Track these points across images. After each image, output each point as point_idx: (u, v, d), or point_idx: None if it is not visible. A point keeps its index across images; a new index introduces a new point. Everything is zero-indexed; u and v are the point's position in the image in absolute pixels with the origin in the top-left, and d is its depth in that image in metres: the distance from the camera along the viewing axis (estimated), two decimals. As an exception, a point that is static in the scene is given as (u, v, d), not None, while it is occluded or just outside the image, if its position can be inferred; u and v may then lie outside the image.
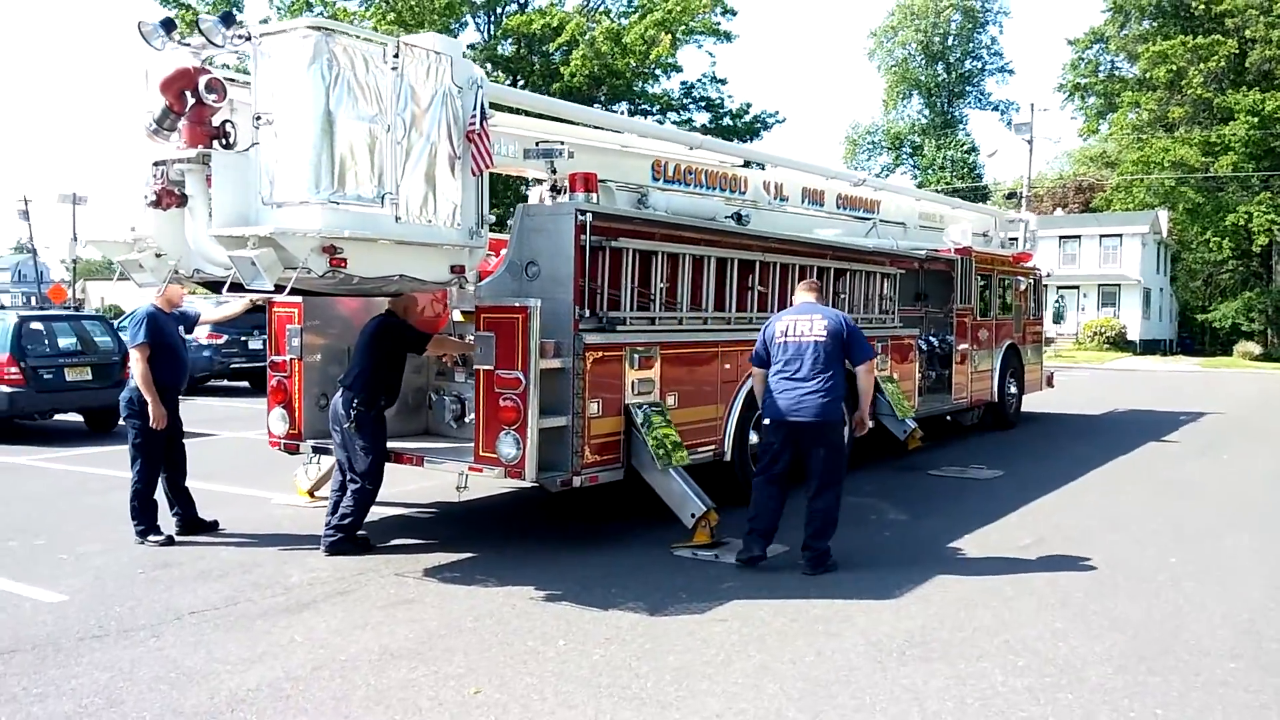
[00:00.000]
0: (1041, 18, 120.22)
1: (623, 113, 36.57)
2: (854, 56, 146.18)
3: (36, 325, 14.84)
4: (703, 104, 37.67)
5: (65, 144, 6.74)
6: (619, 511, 8.72)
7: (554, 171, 7.65)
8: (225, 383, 21.87)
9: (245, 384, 21.51)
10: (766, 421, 7.16)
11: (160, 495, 7.88)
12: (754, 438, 9.13)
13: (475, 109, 6.60)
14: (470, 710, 4.57)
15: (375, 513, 8.27)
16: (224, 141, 6.02)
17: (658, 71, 35.23)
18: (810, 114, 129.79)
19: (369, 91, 5.92)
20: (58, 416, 15.23)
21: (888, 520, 8.58)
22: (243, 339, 20.59)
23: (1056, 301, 20.38)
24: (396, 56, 6.06)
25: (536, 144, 7.61)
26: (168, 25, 6.02)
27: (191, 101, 5.93)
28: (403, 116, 6.13)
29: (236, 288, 6.17)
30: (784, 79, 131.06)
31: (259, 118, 5.85)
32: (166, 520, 7.87)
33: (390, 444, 7.63)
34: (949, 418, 14.21)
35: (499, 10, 35.96)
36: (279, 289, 5.90)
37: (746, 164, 11.59)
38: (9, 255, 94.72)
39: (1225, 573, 6.88)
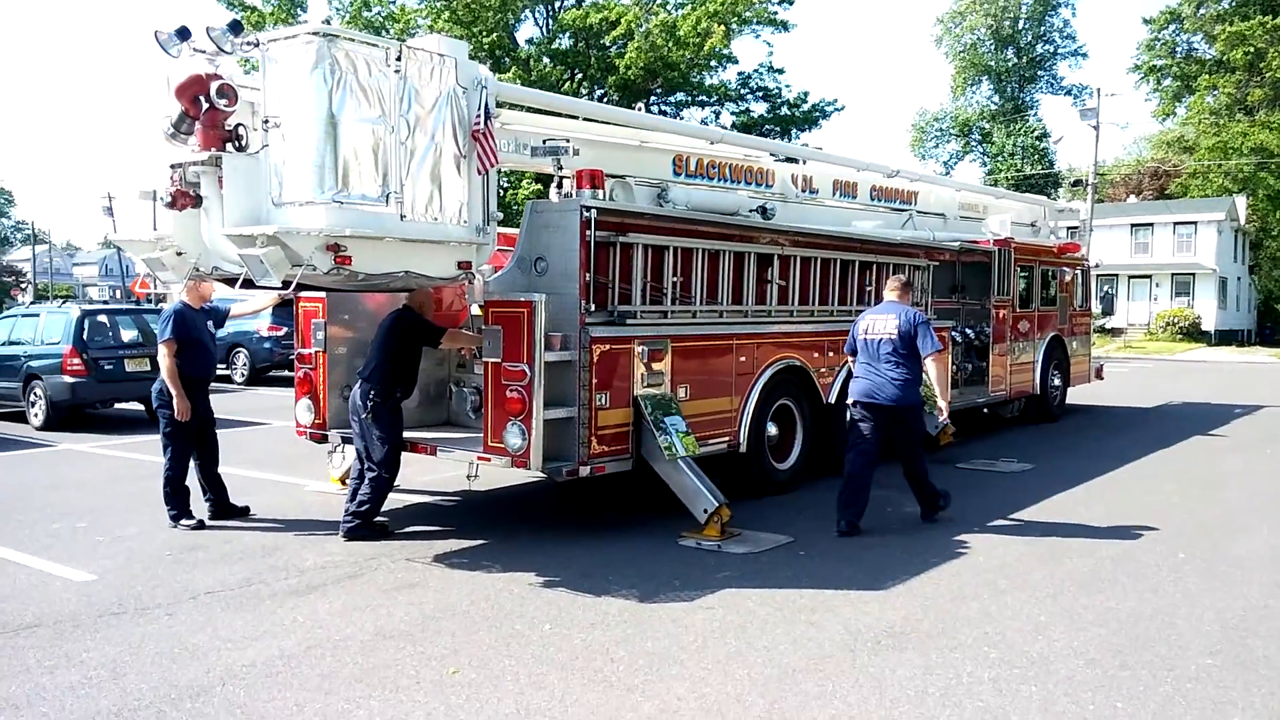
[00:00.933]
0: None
1: (679, 104, 36.63)
2: (920, 43, 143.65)
3: (100, 319, 15.57)
4: (760, 94, 37.49)
5: (142, 141, 7.06)
6: (634, 502, 8.88)
7: (560, 168, 7.81)
8: (286, 373, 22.51)
9: (304, 375, 22.08)
10: (851, 402, 8.16)
11: (194, 481, 8.27)
12: (772, 429, 9.21)
13: (480, 109, 6.80)
14: (445, 688, 4.78)
15: (398, 500, 8.59)
16: (236, 144, 6.30)
17: (713, 63, 35.12)
18: (874, 103, 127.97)
19: (372, 94, 6.16)
20: (119, 405, 15.95)
21: (902, 513, 8.58)
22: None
23: (1104, 292, 19.85)
24: (399, 59, 6.28)
25: (544, 142, 7.78)
26: (183, 33, 6.31)
27: (205, 106, 6.22)
28: (406, 118, 6.36)
29: (249, 284, 6.46)
30: (846, 67, 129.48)
31: (267, 121, 6.13)
32: (202, 506, 8.26)
33: (407, 433, 7.89)
34: (986, 410, 14.05)
35: (556, 5, 36.23)
36: (286, 285, 6.18)
37: (788, 159, 11.62)
38: (97, 250, 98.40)
39: (1231, 569, 6.76)
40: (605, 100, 32.32)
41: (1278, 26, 44.12)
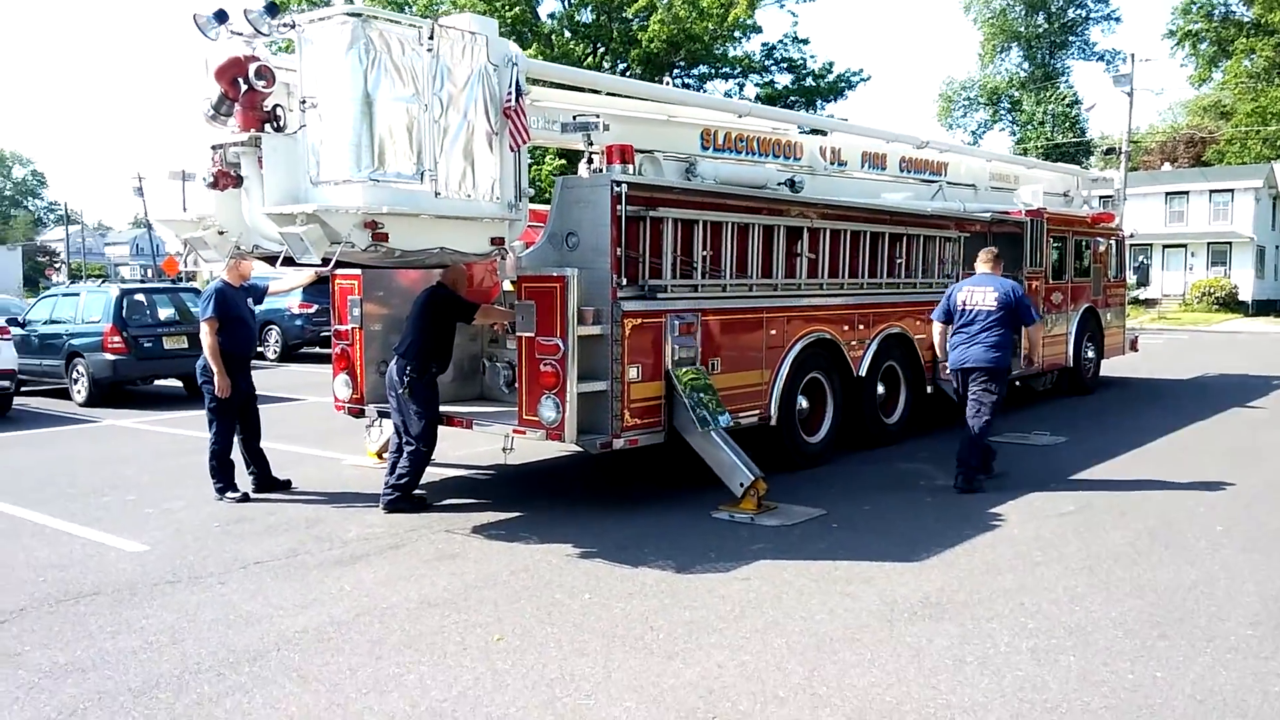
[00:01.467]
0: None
1: (702, 77, 36.40)
2: (948, 9, 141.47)
3: (138, 297, 15.84)
4: (784, 65, 37.17)
5: (173, 122, 7.19)
6: (666, 475, 8.97)
7: (590, 144, 7.85)
8: (317, 349, 22.79)
9: (336, 351, 22.34)
10: (950, 371, 8.91)
11: (238, 455, 8.46)
12: (803, 402, 9.25)
13: (511, 86, 6.84)
14: (491, 655, 4.90)
15: (435, 473, 8.73)
16: (275, 125, 6.39)
17: (737, 34, 34.84)
18: (901, 72, 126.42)
19: (406, 73, 6.22)
20: (158, 382, 16.23)
21: (935, 486, 8.61)
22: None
23: (1139, 263, 19.65)
24: (432, 38, 6.34)
25: (574, 118, 7.81)
26: (220, 16, 6.39)
27: (244, 88, 6.31)
28: (440, 96, 6.42)
29: (289, 262, 6.57)
30: (872, 37, 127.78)
31: (304, 101, 6.21)
32: (245, 479, 8.44)
33: (443, 408, 8.01)
34: (1019, 383, 13.99)
35: (579, -22, 36.08)
36: (325, 262, 6.29)
37: (813, 131, 11.59)
38: (128, 230, 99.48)
39: (1272, 541, 6.75)
40: (628, 74, 32.20)
41: (1319, -13, 43.15)
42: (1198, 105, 63.39)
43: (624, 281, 7.47)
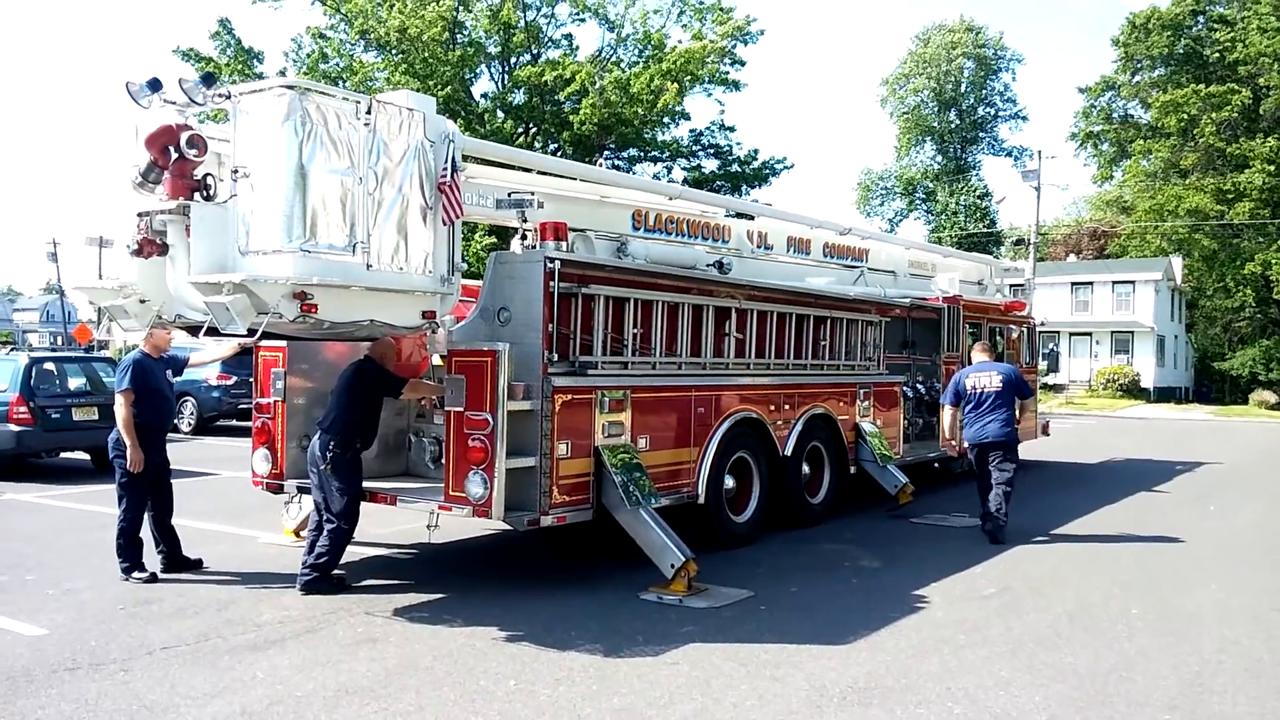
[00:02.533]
0: (1057, 62, 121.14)
1: (632, 160, 37.09)
2: (866, 104, 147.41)
3: (48, 366, 15.25)
4: (711, 151, 38.10)
5: (91, 187, 7.05)
6: (594, 553, 8.87)
7: (524, 220, 7.90)
8: (234, 423, 22.17)
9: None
10: (968, 446, 10.33)
11: (147, 533, 8.11)
12: (729, 481, 9.26)
13: (447, 162, 6.89)
14: (411, 746, 4.72)
15: (355, 552, 8.48)
16: (204, 194, 6.31)
17: (666, 120, 35.68)
18: (821, 160, 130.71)
19: (341, 145, 6.22)
20: (64, 455, 15.56)
21: (859, 568, 8.66)
22: (251, 380, 20.91)
23: (1050, 349, 20.37)
24: (369, 113, 6.37)
25: (509, 194, 7.87)
26: (154, 85, 6.33)
27: (175, 156, 6.23)
28: (375, 169, 6.43)
29: (213, 332, 6.42)
30: (795, 126, 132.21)
31: (237, 171, 6.16)
32: (154, 557, 8.08)
33: (366, 483, 7.83)
34: (937, 465, 14.26)
35: (512, 61, 36.64)
36: (251, 333, 6.16)
37: (739, 215, 11.85)
38: (39, 295, 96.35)
39: (1185, 624, 6.92)
40: (559, 154, 32.63)
41: (1210, 94, 46.02)
42: (1101, 200, 66.68)
43: (555, 357, 7.47)
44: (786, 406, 10.08)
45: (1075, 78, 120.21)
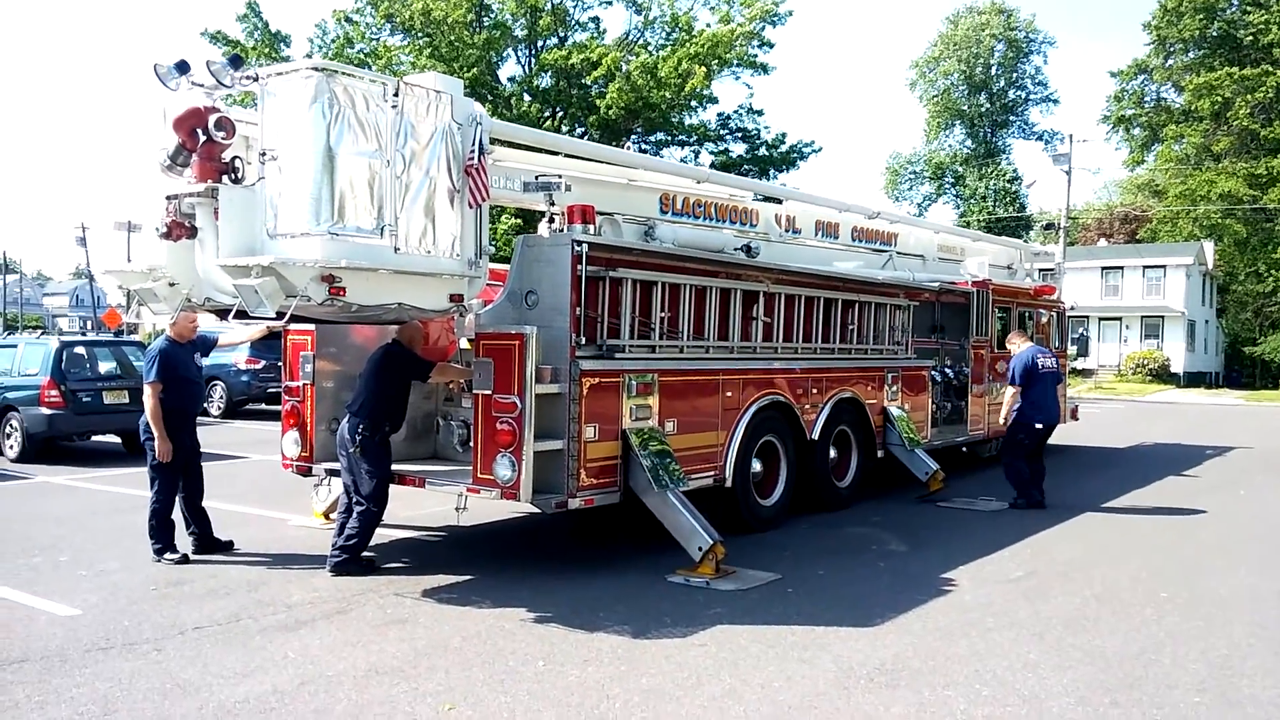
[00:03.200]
0: (1090, 45, 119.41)
1: (659, 144, 36.98)
2: (895, 87, 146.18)
3: (79, 350, 15.43)
4: (739, 135, 37.94)
5: (120, 172, 7.10)
6: (620, 536, 8.88)
7: (552, 204, 7.89)
8: (263, 406, 22.38)
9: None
10: (1038, 425, 10.85)
11: (178, 515, 8.20)
12: (757, 465, 9.24)
13: (474, 144, 6.87)
14: (441, 725, 4.75)
15: (384, 535, 8.54)
16: (232, 176, 6.34)
17: (693, 103, 35.54)
18: (850, 145, 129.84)
19: (369, 128, 6.22)
20: (96, 438, 15.76)
21: (886, 551, 8.63)
22: (280, 364, 21.08)
23: (1079, 334, 20.17)
24: (396, 95, 6.36)
25: (536, 177, 7.86)
26: (182, 67, 6.36)
27: (203, 139, 6.26)
28: (402, 152, 6.42)
29: (242, 315, 6.46)
30: (824, 110, 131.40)
31: (265, 154, 6.17)
32: (185, 539, 8.18)
33: (395, 466, 7.87)
34: (965, 449, 14.17)
35: (539, 44, 36.60)
36: (280, 316, 6.20)
37: (768, 199, 11.79)
38: (68, 280, 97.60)
39: (1213, 608, 6.85)
40: (585, 138, 32.60)
41: (1245, 76, 45.23)
42: (1132, 184, 65.76)
43: (582, 341, 7.46)
44: (814, 390, 10.03)
45: (1108, 60, 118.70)
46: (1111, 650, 5.91)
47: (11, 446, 14.54)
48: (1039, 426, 10.87)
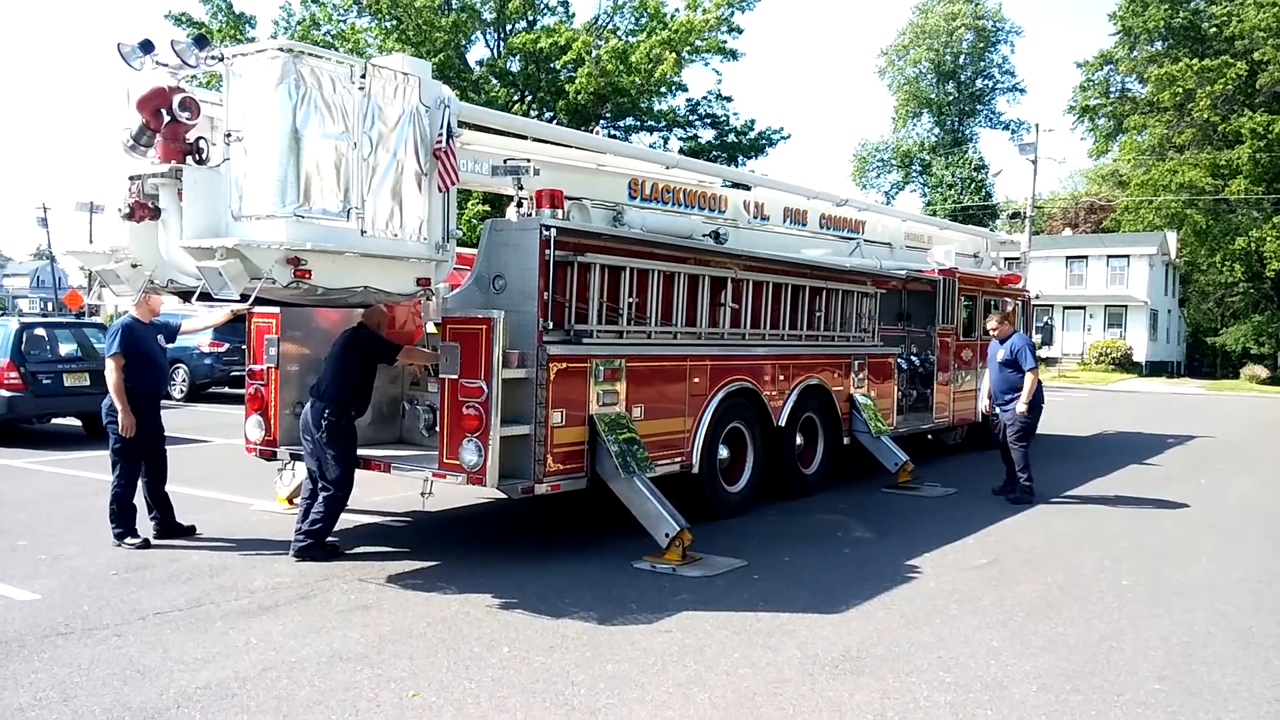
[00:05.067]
0: (1056, 36, 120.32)
1: (628, 129, 36.85)
2: (864, 74, 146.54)
3: (39, 331, 15.15)
4: (708, 121, 37.88)
5: (82, 152, 6.97)
6: (587, 521, 8.88)
7: (520, 188, 7.84)
8: (226, 390, 22.12)
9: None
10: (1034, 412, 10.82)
11: (140, 500, 8.09)
12: (723, 451, 9.26)
13: (442, 127, 6.81)
14: (406, 713, 4.73)
15: (348, 520, 8.48)
16: (197, 157, 6.24)
17: (663, 89, 35.42)
18: (818, 131, 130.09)
19: (336, 110, 6.14)
20: (56, 421, 15.51)
21: (852, 538, 8.70)
22: (244, 347, 20.83)
23: (1043, 323, 20.40)
24: (364, 77, 6.28)
25: (505, 161, 7.80)
26: (146, 46, 6.25)
27: (167, 119, 6.15)
28: (369, 134, 6.35)
29: (206, 297, 6.37)
30: (792, 97, 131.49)
31: (229, 135, 6.07)
32: (146, 524, 8.07)
33: (360, 451, 7.82)
34: (930, 437, 14.30)
35: (507, 28, 36.28)
36: (244, 298, 6.11)
37: (736, 185, 11.79)
38: (29, 261, 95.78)
39: (1174, 596, 6.97)
40: (554, 123, 32.42)
41: (1205, 68, 45.74)
42: (1097, 174, 66.50)
43: (550, 325, 7.43)
44: (781, 377, 10.06)
45: (1076, 48, 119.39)
46: (1074, 637, 5.99)
47: (-32, 430, 14.26)
48: (1040, 405, 11.05)
